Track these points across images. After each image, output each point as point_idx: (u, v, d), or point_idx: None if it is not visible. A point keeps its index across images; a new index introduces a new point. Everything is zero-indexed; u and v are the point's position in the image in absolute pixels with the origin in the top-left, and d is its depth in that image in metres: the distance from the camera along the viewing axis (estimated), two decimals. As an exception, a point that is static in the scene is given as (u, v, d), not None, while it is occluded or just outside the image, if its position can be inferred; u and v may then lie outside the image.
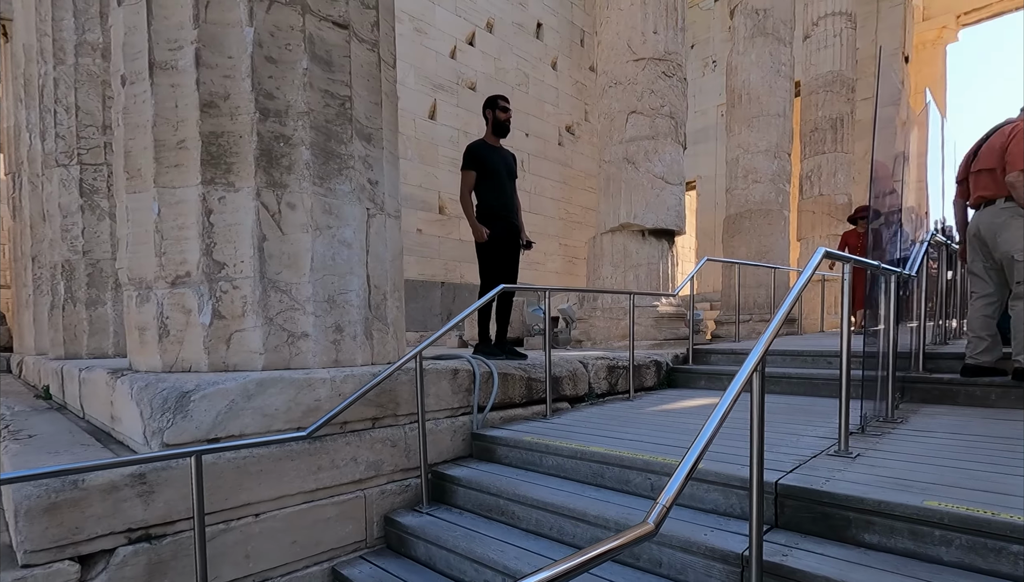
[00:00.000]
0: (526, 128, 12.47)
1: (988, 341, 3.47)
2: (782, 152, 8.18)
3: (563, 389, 4.16)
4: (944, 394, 3.57)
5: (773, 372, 4.50)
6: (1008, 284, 3.37)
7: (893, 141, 4.74)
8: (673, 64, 5.32)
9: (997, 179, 3.32)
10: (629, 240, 5.65)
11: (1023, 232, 3.25)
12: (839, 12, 9.41)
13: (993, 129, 3.47)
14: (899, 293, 3.31)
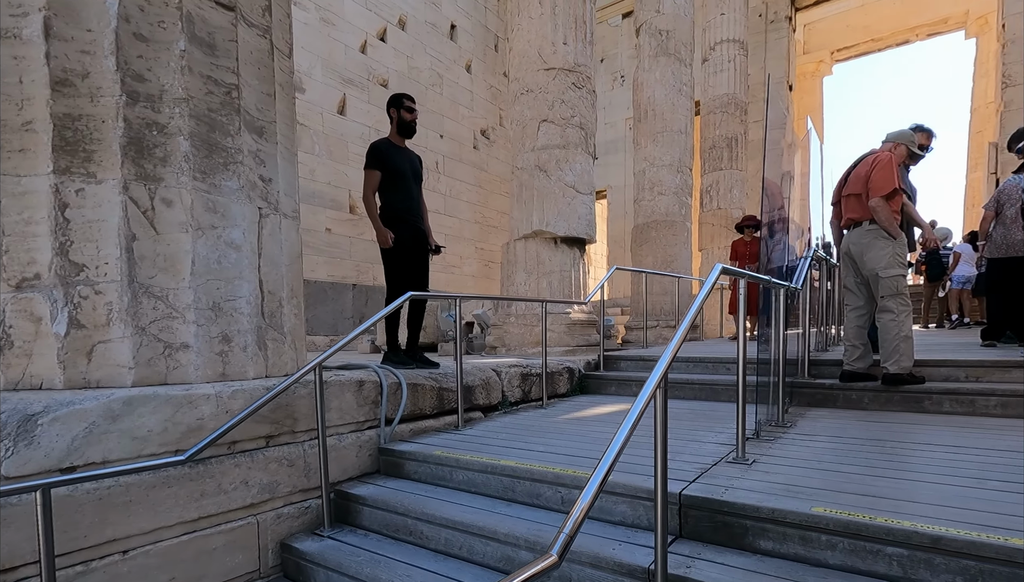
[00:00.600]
0: (440, 129, 12.28)
1: (861, 349, 3.79)
2: (684, 167, 8.61)
3: (476, 398, 4.07)
4: (826, 398, 3.85)
5: (677, 378, 4.67)
6: (876, 298, 3.69)
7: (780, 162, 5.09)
8: (583, 76, 5.40)
9: (863, 203, 3.64)
10: (542, 247, 5.67)
11: (885, 252, 3.57)
12: (732, 40, 10.08)
13: (860, 158, 3.81)
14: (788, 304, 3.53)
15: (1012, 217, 4.52)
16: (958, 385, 3.46)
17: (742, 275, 2.57)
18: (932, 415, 3.41)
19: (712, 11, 10.15)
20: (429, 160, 11.99)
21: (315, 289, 9.45)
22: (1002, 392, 3.27)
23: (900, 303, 3.56)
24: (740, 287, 2.58)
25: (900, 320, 3.55)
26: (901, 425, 3.17)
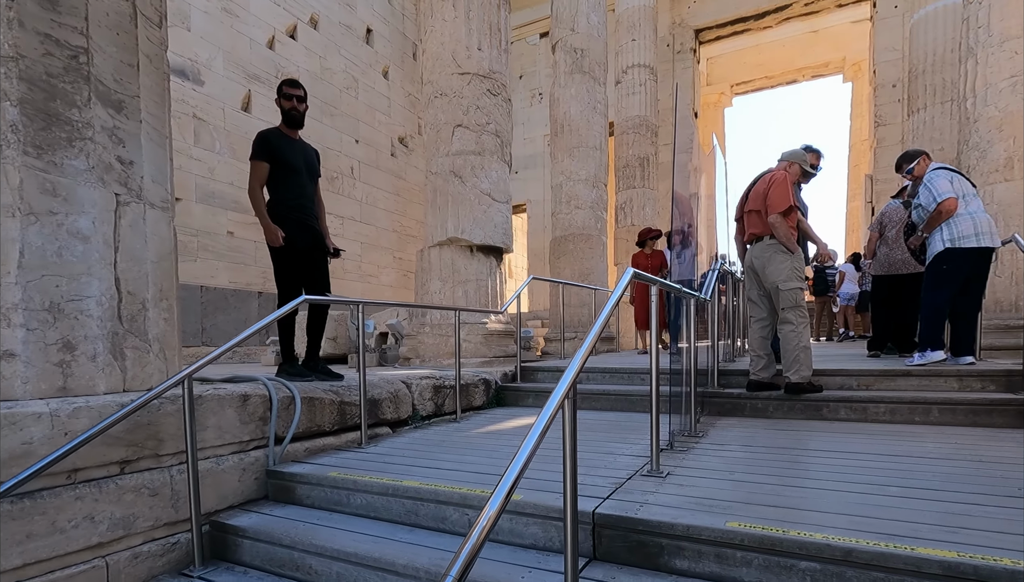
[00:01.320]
0: (356, 134, 11.81)
1: (765, 359, 3.88)
2: (600, 182, 8.74)
3: (383, 413, 3.76)
4: (735, 407, 3.90)
5: (593, 389, 4.59)
6: (777, 309, 3.80)
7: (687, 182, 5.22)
8: (498, 83, 5.29)
9: (763, 219, 3.76)
10: (457, 255, 5.45)
11: (785, 266, 3.69)
12: (643, 65, 10.46)
13: (759, 175, 3.94)
14: (697, 315, 3.54)
15: (894, 238, 4.88)
16: (851, 393, 3.60)
17: (653, 282, 2.49)
18: (830, 422, 3.52)
19: (624, 36, 10.49)
20: (344, 165, 11.47)
21: (215, 296, 8.66)
22: (889, 399, 3.43)
23: (799, 315, 3.68)
24: (652, 295, 2.50)
25: (799, 331, 3.66)
26: (804, 432, 3.24)
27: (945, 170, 4.02)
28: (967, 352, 3.87)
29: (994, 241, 3.90)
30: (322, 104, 10.83)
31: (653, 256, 7.26)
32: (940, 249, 4.02)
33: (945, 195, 3.94)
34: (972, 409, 3.23)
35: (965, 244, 3.90)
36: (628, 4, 10.41)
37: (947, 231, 3.99)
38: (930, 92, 8.67)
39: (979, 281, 3.97)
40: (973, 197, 3.93)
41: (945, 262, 3.98)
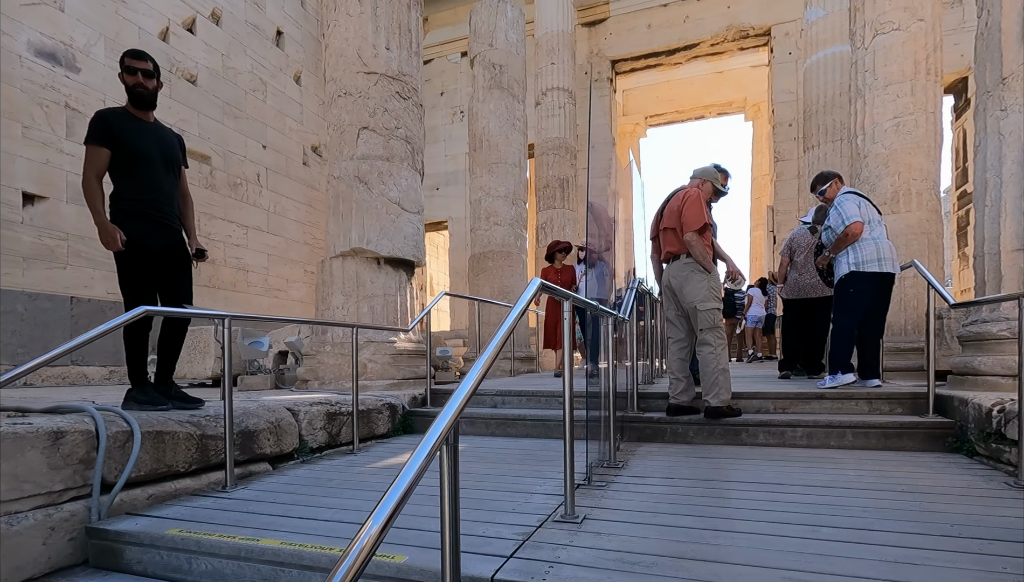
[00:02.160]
0: (263, 139, 10.95)
1: (684, 382, 3.68)
2: (519, 200, 8.51)
3: (260, 446, 3.16)
4: (655, 432, 3.65)
5: (508, 414, 4.21)
6: (695, 330, 3.62)
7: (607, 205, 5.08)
8: (409, 87, 4.88)
9: (679, 237, 3.61)
10: (363, 267, 4.92)
11: (702, 285, 3.53)
12: (562, 88, 10.48)
13: (672, 193, 3.81)
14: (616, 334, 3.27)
15: (803, 262, 4.94)
16: (769, 417, 3.46)
17: (565, 296, 2.17)
18: (750, 447, 3.34)
19: (543, 60, 10.48)
20: (249, 171, 10.57)
21: (89, 309, 7.51)
22: (806, 423, 3.31)
23: (717, 336, 3.52)
24: (564, 311, 2.16)
25: (718, 353, 3.49)
26: (726, 460, 3.02)
27: (854, 194, 4.07)
28: (874, 375, 3.89)
29: (895, 267, 3.97)
30: (224, 105, 9.93)
31: (563, 271, 6.74)
32: (845, 272, 4.04)
33: (852, 219, 3.97)
34: (884, 433, 3.16)
35: (868, 268, 3.94)
36: (547, 29, 10.42)
37: (852, 255, 4.01)
38: (823, 131, 9.24)
39: (882, 306, 4.02)
40: (878, 223, 3.99)
41: (851, 285, 4.00)
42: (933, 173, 6.30)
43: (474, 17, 8.10)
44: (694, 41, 12.87)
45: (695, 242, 3.52)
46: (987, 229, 3.58)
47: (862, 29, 6.91)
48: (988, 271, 3.56)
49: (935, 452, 3.04)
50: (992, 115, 3.61)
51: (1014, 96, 3.46)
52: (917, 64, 6.44)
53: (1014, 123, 3.44)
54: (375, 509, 0.95)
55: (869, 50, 6.79)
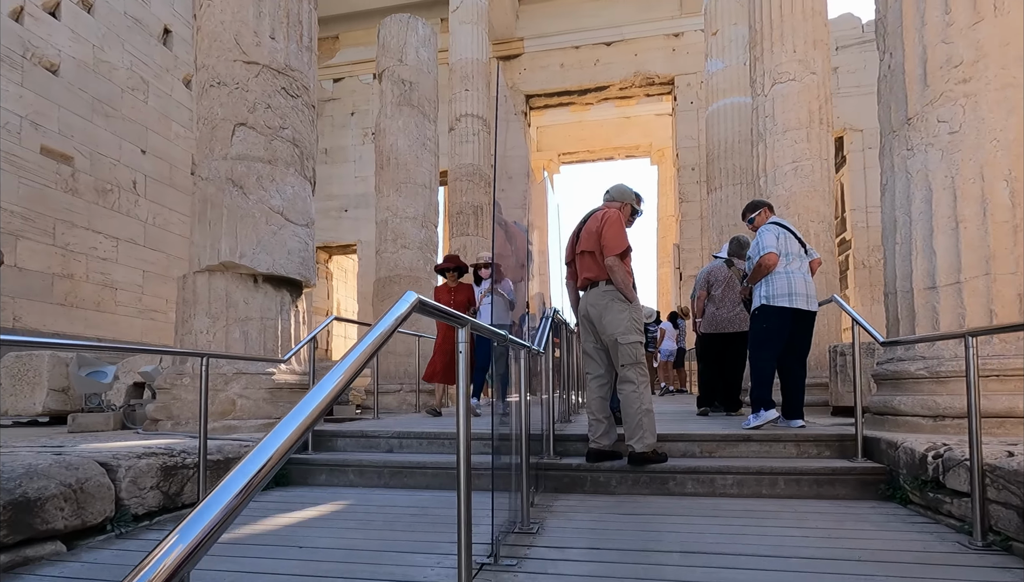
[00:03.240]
0: (143, 143, 9.64)
1: (605, 424, 3.23)
2: (429, 222, 7.95)
3: (48, 519, 2.28)
4: (575, 482, 3.15)
5: (406, 461, 3.53)
6: (616, 365, 3.21)
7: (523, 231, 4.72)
8: (298, 84, 4.20)
9: (598, 262, 3.21)
10: (235, 285, 4.10)
11: (623, 316, 3.15)
12: (476, 115, 10.18)
13: (589, 213, 3.40)
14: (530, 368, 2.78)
15: (720, 297, 4.76)
16: (697, 462, 3.08)
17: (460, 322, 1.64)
18: (679, 497, 2.93)
19: (458, 86, 10.15)
20: (123, 177, 9.21)
21: None
22: (736, 470, 2.96)
23: (639, 372, 3.12)
24: (460, 338, 1.64)
25: (640, 391, 3.09)
26: (656, 517, 2.56)
27: (776, 226, 3.91)
28: (797, 415, 3.66)
29: (809, 304, 3.78)
30: (94, 101, 8.60)
31: (459, 291, 5.73)
32: (757, 304, 3.87)
33: (766, 250, 3.80)
34: (816, 480, 2.87)
35: (777, 303, 3.75)
36: (461, 55, 10.13)
37: (765, 287, 3.84)
38: (724, 174, 9.58)
39: (801, 343, 3.84)
40: (797, 257, 3.83)
41: (762, 319, 3.83)
42: (829, 216, 6.54)
43: (383, 31, 7.59)
44: (604, 84, 13.19)
45: (617, 268, 3.14)
46: (899, 267, 3.51)
47: (762, 77, 7.19)
48: (901, 309, 3.47)
49: (869, 500, 2.78)
50: (899, 154, 3.59)
51: (919, 136, 3.45)
52: (811, 113, 6.74)
53: (921, 162, 3.42)
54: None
55: (769, 97, 7.05)
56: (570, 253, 3.47)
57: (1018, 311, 3.01)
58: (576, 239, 3.38)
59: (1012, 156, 3.10)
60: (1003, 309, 3.03)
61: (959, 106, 3.28)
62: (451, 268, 5.73)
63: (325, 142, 14.37)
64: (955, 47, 3.32)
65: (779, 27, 6.99)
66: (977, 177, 3.17)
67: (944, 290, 3.22)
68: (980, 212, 3.14)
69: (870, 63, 11.31)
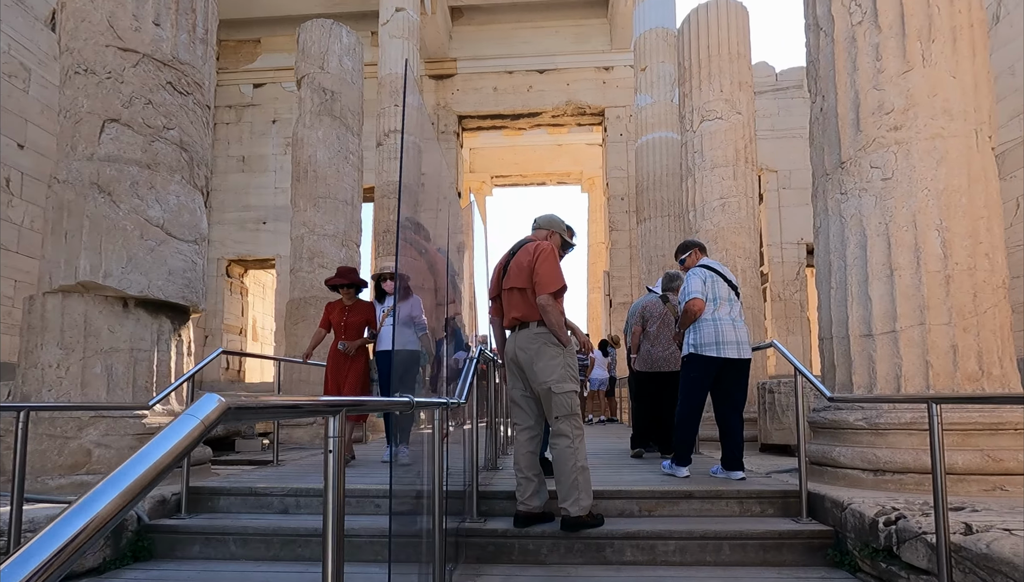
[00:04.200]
0: (21, 137, 8.40)
1: (535, 482, 2.84)
2: (351, 241, 7.35)
3: None
4: (500, 550, 2.72)
5: (300, 527, 2.95)
6: (548, 417, 2.84)
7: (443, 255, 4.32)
8: (189, 80, 3.58)
9: (528, 300, 2.83)
10: (98, 310, 3.37)
11: (557, 362, 2.78)
12: (407, 131, 9.73)
13: (519, 244, 3.03)
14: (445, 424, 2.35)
15: (655, 333, 4.55)
16: (636, 526, 2.75)
17: (332, 408, 1.21)
18: (617, 568, 2.58)
19: (387, 100, 9.68)
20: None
21: None
22: (678, 534, 2.66)
23: (574, 425, 2.76)
24: (329, 431, 1.20)
25: (575, 446, 2.73)
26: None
27: (703, 269, 3.74)
28: (737, 467, 3.46)
29: (739, 351, 3.59)
30: (-45, 85, 7.36)
31: (354, 310, 4.67)
32: (686, 352, 3.70)
33: (691, 295, 3.62)
34: (762, 545, 2.62)
35: (705, 352, 3.57)
36: (391, 70, 9.68)
37: (692, 335, 3.66)
38: (653, 206, 9.67)
39: (736, 391, 3.67)
40: (726, 301, 3.67)
41: (690, 369, 3.65)
42: (754, 252, 6.63)
43: (303, 35, 7.01)
44: (537, 110, 13.17)
45: (550, 308, 2.77)
46: (834, 312, 3.42)
47: (691, 113, 7.28)
48: (837, 355, 3.37)
49: (817, 566, 2.56)
50: (833, 198, 3.54)
51: (853, 181, 3.40)
52: (738, 151, 6.86)
53: (855, 207, 3.36)
54: None
55: (697, 133, 7.14)
56: (495, 288, 3.06)
57: (952, 362, 2.95)
58: (503, 272, 2.99)
59: (942, 206, 3.08)
60: (938, 360, 2.96)
61: (891, 153, 3.25)
62: (345, 284, 4.70)
63: (244, 149, 13.37)
64: (886, 94, 3.31)
65: (707, 66, 7.12)
66: (910, 225, 3.13)
67: (880, 338, 3.13)
68: (914, 261, 3.08)
69: (783, 109, 12.00)
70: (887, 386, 3.08)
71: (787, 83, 12.04)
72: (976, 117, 3.20)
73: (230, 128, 13.41)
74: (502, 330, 3.05)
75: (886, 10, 3.33)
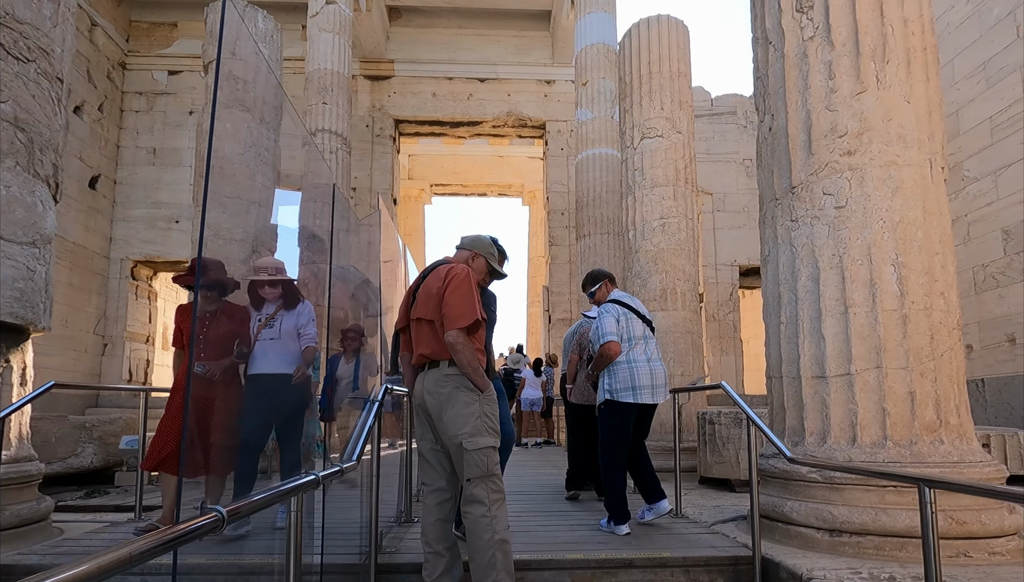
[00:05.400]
0: None
1: (445, 558, 2.30)
2: (263, 247, 6.53)
3: None
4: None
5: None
6: (460, 476, 2.32)
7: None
8: (31, 44, 2.79)
9: (437, 335, 2.32)
10: None
11: (471, 411, 2.26)
12: (335, 132, 8.99)
13: (431, 266, 2.51)
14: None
15: (592, 363, 4.14)
16: (566, 615, 2.25)
17: None
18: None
19: (314, 97, 8.92)
20: None
21: None
22: (615, 624, 2.18)
23: (493, 488, 2.25)
24: None
25: (493, 514, 2.21)
26: None
27: (616, 305, 3.38)
28: (659, 496, 3.29)
29: (655, 396, 3.31)
30: None
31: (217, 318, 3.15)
32: (602, 398, 3.35)
33: (607, 338, 3.27)
34: (713, 633, 2.19)
35: (622, 398, 3.26)
36: (320, 65, 8.94)
37: (608, 379, 3.32)
38: (593, 222, 9.39)
39: (642, 426, 3.45)
40: (641, 339, 3.32)
41: (608, 416, 3.31)
42: (694, 275, 6.40)
43: (212, 16, 6.22)
44: (478, 119, 12.72)
45: (460, 347, 2.24)
46: (784, 349, 3.11)
47: (631, 130, 7.03)
48: (787, 397, 3.05)
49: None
50: (783, 225, 3.25)
51: (805, 207, 3.12)
52: (678, 171, 6.65)
53: (806, 236, 3.08)
54: None
55: (638, 151, 6.88)
56: (403, 318, 2.52)
57: (909, 410, 2.67)
58: (412, 299, 2.45)
59: (898, 240, 2.83)
60: (895, 407, 2.68)
61: (845, 179, 2.99)
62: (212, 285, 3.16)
63: (155, 141, 12.08)
64: (839, 115, 3.05)
65: (648, 83, 6.90)
66: (865, 258, 2.86)
67: (835, 381, 2.82)
68: (869, 297, 2.81)
69: (718, 134, 12.15)
70: (842, 434, 2.77)
71: (722, 109, 12.22)
72: (930, 146, 2.99)
73: (140, 116, 12.10)
74: (412, 369, 2.49)
75: (839, 26, 3.08)
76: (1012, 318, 7.16)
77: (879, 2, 3.02)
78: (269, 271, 3.24)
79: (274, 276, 3.22)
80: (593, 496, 4.23)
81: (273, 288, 3.18)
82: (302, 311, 3.20)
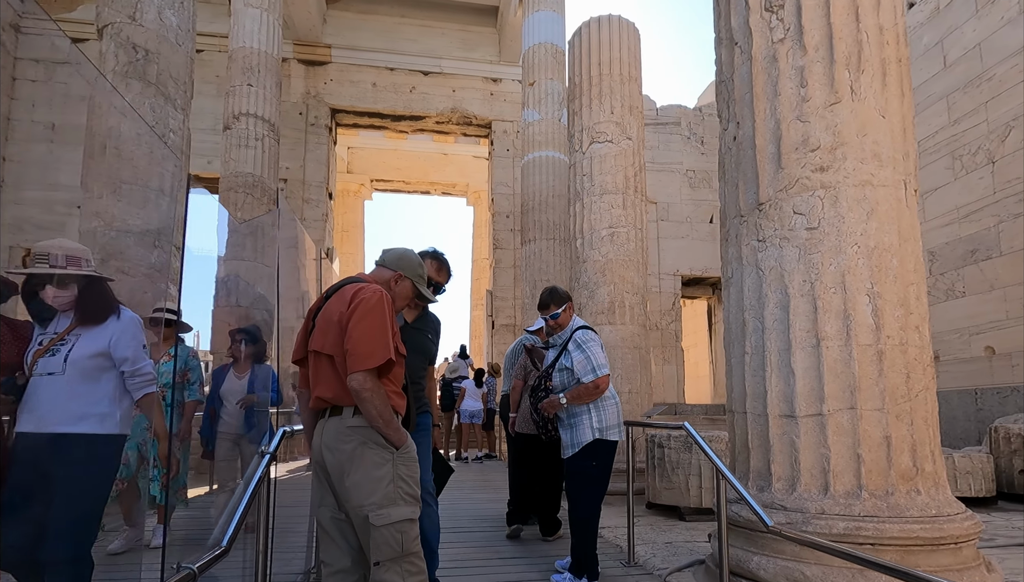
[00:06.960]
0: None
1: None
2: (166, 242, 5.68)
3: None
4: None
5: None
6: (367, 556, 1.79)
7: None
8: None
9: (339, 375, 1.77)
10: None
11: (381, 473, 1.74)
12: (262, 117, 8.13)
13: (338, 284, 1.95)
14: None
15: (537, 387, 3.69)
16: None
17: None
18: None
19: (239, 78, 8.03)
20: None
21: None
22: None
23: (408, 571, 1.74)
24: None
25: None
26: None
27: (595, 333, 3.04)
28: None
29: (620, 433, 3.07)
30: None
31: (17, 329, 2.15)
32: (589, 439, 2.91)
33: (603, 370, 2.91)
34: None
35: (610, 436, 2.95)
36: (245, 43, 8.06)
37: (595, 416, 2.93)
38: (539, 228, 9.02)
39: None
40: None
41: (595, 456, 2.91)
42: (642, 288, 6.13)
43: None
44: (421, 114, 12.08)
45: (370, 394, 1.70)
46: (749, 382, 2.79)
47: (580, 133, 6.68)
48: (752, 436, 2.73)
49: None
50: (748, 245, 2.93)
51: (773, 226, 2.82)
52: (628, 179, 6.36)
53: (775, 259, 2.77)
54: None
55: (587, 155, 6.54)
56: (300, 348, 1.94)
57: (885, 456, 2.40)
58: (311, 325, 1.89)
59: (873, 267, 2.56)
60: (870, 453, 2.40)
61: (817, 198, 2.70)
62: None
63: (54, 116, 10.66)
64: (812, 127, 2.76)
65: (598, 85, 6.58)
66: (839, 286, 2.57)
67: (805, 421, 2.52)
68: (843, 330, 2.52)
69: (663, 143, 12.10)
70: (813, 482, 2.47)
71: (667, 119, 12.18)
72: (904, 166, 2.75)
73: (37, 86, 10.66)
74: (311, 414, 1.93)
75: (812, 29, 2.79)
76: (936, 337, 7.38)
77: (855, 5, 2.76)
78: (54, 260, 1.97)
79: (63, 268, 1.98)
80: (537, 534, 3.81)
81: (61, 289, 1.98)
82: (116, 330, 2.02)
